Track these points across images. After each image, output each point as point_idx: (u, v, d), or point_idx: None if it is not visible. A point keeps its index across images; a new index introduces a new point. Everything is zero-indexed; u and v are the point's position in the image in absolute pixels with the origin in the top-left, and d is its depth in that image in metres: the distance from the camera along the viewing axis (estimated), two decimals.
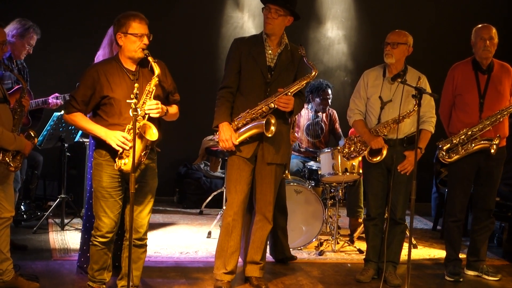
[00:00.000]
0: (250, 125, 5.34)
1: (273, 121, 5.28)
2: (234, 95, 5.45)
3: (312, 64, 5.40)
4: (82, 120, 4.78)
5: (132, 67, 4.81)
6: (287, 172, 6.38)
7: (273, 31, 5.38)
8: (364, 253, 6.21)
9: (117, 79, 4.75)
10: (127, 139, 4.67)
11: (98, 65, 4.88)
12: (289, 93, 5.32)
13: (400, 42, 5.72)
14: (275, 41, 5.43)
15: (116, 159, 4.72)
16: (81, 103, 4.75)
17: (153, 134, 4.65)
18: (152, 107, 4.69)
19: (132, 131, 4.61)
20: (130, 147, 4.62)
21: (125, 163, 4.69)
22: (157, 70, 4.72)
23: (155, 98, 4.75)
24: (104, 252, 4.94)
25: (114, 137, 4.68)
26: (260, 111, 5.33)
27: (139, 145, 4.66)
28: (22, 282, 5.17)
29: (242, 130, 5.36)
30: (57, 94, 6.63)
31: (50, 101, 6.58)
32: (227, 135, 5.33)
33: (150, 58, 4.73)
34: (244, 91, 5.43)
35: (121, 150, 4.69)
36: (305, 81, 5.39)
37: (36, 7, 8.34)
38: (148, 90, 4.72)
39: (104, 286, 5.05)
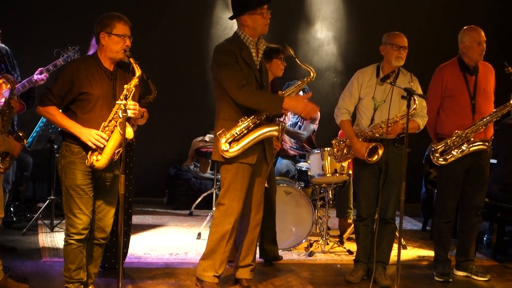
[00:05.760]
0: (264, 130, 5.29)
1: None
2: None
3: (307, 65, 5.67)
4: (57, 114, 4.78)
5: (110, 67, 4.86)
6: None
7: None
8: (354, 254, 6.22)
9: (97, 77, 4.80)
10: (102, 137, 4.71)
11: (79, 61, 4.93)
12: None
13: (407, 45, 5.75)
14: (255, 43, 5.40)
15: (88, 156, 4.75)
16: (58, 97, 4.76)
17: (128, 132, 4.69)
18: (130, 107, 4.71)
19: (107, 129, 4.72)
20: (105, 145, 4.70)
21: (98, 160, 4.72)
22: (138, 72, 4.75)
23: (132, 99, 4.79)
24: (80, 251, 4.92)
25: (90, 135, 4.70)
26: (264, 115, 5.30)
27: (115, 142, 4.70)
28: (11, 284, 5.15)
29: (253, 135, 5.25)
30: (41, 69, 6.37)
31: (35, 78, 6.33)
32: (300, 99, 5.43)
33: (132, 60, 4.76)
34: None
35: (95, 147, 4.72)
36: (304, 83, 5.70)
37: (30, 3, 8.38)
38: (128, 90, 4.73)
39: (82, 286, 5.00)
